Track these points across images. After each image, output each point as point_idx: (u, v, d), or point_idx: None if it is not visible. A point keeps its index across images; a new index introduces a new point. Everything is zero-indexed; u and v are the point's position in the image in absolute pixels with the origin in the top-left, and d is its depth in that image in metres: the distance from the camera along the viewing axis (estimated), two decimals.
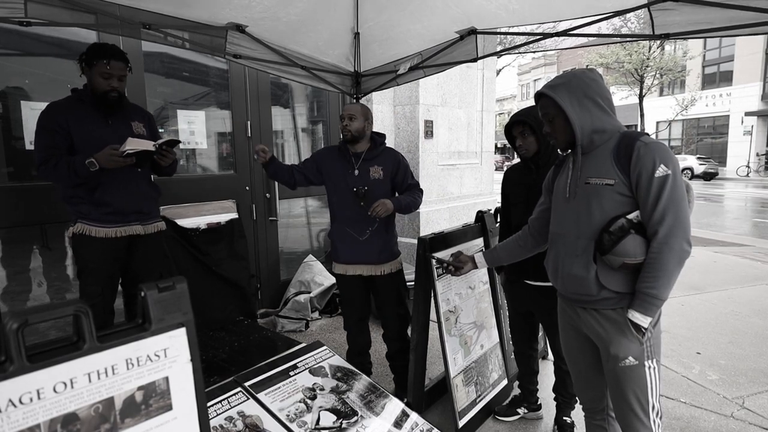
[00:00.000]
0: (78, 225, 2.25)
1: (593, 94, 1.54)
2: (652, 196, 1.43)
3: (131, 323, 1.02)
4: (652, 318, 1.48)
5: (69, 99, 2.26)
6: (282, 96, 4.26)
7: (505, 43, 5.50)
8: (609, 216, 1.50)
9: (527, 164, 2.21)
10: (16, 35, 2.71)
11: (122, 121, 2.34)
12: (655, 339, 1.54)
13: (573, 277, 1.61)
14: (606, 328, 1.58)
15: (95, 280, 2.29)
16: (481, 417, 2.45)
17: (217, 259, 3.45)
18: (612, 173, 1.50)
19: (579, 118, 1.53)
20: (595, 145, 1.56)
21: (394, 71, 3.31)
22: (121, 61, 2.22)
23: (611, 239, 1.48)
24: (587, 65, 12.19)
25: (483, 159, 5.88)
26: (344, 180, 2.43)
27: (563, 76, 1.61)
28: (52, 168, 2.13)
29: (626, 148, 1.49)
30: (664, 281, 1.43)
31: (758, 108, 23.48)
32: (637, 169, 1.45)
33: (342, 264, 2.53)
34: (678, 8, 2.12)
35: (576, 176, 1.61)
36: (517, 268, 2.26)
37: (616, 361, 1.55)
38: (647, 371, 1.54)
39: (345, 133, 2.43)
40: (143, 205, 2.41)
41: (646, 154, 1.44)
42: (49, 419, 0.87)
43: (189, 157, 3.64)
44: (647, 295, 1.45)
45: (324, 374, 1.94)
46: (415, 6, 2.75)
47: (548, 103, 1.59)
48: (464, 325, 2.47)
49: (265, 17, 2.72)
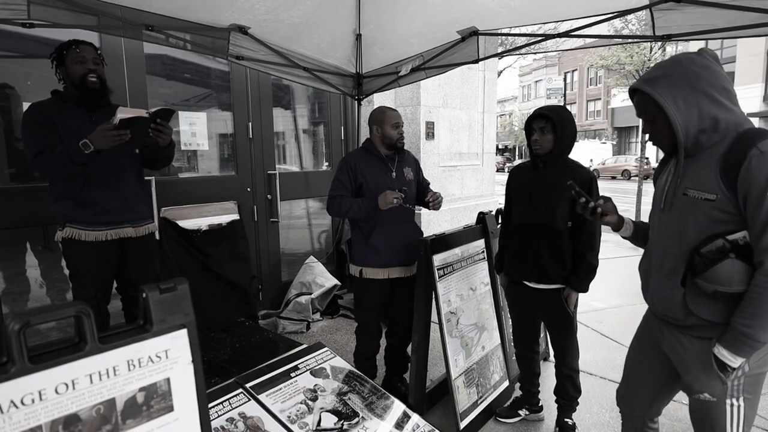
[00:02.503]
0: (66, 229, 2.20)
1: (704, 86, 1.26)
2: (761, 219, 1.18)
3: (133, 324, 1.02)
4: (744, 358, 1.25)
5: (51, 100, 2.21)
6: (283, 97, 4.26)
7: (507, 44, 5.51)
8: (706, 234, 1.27)
9: (535, 162, 2.18)
10: (18, 37, 2.72)
11: (106, 118, 2.22)
12: (749, 377, 1.31)
13: (660, 297, 1.43)
14: (689, 356, 1.38)
15: (87, 284, 2.25)
16: (482, 418, 2.44)
17: (218, 260, 3.45)
18: (714, 186, 1.25)
19: (683, 117, 1.27)
20: (702, 147, 1.30)
21: (396, 73, 3.31)
22: (89, 45, 2.18)
23: (703, 262, 1.26)
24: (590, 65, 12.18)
25: (484, 160, 5.88)
26: (386, 184, 2.41)
27: (664, 65, 1.34)
28: (48, 156, 2.07)
29: (737, 155, 1.21)
30: (765, 321, 1.19)
31: (760, 109, 23.42)
32: (746, 183, 1.19)
33: (375, 268, 2.44)
34: (679, 9, 2.12)
35: (675, 184, 1.37)
36: (517, 270, 2.27)
37: (690, 392, 1.40)
38: (728, 409, 1.34)
39: (401, 141, 2.45)
40: (132, 205, 2.34)
41: (759, 167, 1.17)
42: (51, 420, 0.87)
43: (190, 158, 3.64)
44: (740, 333, 1.22)
45: (325, 375, 1.93)
46: (416, 7, 2.76)
47: (645, 101, 1.35)
48: (465, 327, 2.47)
49: (267, 19, 2.73)
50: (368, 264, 2.44)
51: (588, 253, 2.11)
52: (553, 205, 2.11)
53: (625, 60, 9.15)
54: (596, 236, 2.11)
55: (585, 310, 4.12)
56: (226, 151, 3.84)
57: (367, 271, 2.45)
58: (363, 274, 2.46)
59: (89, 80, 2.16)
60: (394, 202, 2.26)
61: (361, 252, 2.46)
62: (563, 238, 2.12)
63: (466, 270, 2.58)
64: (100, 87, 2.21)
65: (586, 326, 3.78)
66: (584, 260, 2.11)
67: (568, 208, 2.10)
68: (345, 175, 2.42)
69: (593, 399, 2.74)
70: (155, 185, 3.11)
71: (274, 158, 3.99)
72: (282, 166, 4.24)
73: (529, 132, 2.17)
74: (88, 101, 2.21)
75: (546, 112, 2.07)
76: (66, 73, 2.18)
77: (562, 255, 2.13)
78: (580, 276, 2.13)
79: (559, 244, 2.13)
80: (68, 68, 2.16)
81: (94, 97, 2.21)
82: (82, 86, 2.16)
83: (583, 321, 3.86)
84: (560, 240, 2.12)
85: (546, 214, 2.13)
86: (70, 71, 2.16)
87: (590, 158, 27.14)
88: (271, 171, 3.94)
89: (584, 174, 2.10)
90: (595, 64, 11.19)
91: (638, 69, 8.83)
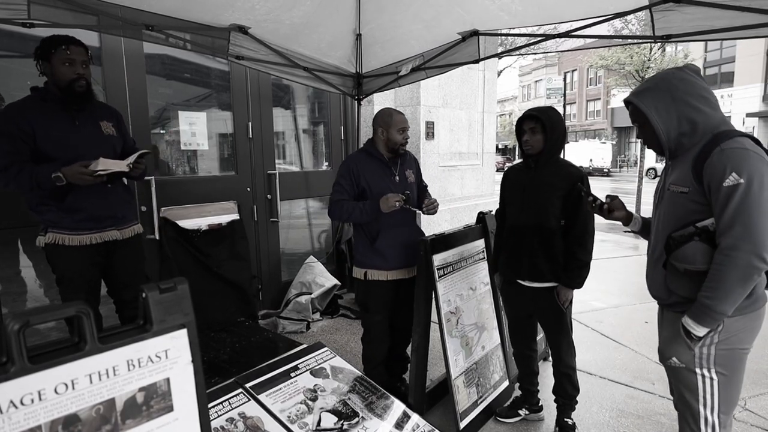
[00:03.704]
0: (49, 234, 2.11)
1: (683, 95, 1.47)
2: (719, 206, 1.38)
3: (132, 324, 1.02)
4: (707, 328, 1.43)
5: (30, 99, 2.08)
6: (283, 97, 4.26)
7: (507, 44, 5.51)
8: (683, 223, 1.49)
9: (527, 163, 2.21)
10: (18, 37, 2.72)
11: (90, 121, 2.17)
12: (720, 350, 1.47)
13: (651, 280, 1.65)
14: (667, 325, 1.61)
15: (75, 289, 2.19)
16: (482, 418, 2.44)
17: (218, 260, 3.45)
18: (688, 180, 1.46)
19: (664, 123, 1.50)
20: (684, 148, 1.51)
21: (396, 72, 3.31)
22: (80, 47, 2.06)
23: (674, 243, 1.49)
24: (590, 66, 12.18)
25: (484, 160, 5.88)
26: (389, 187, 2.38)
27: (650, 80, 1.58)
28: (12, 177, 1.96)
29: (705, 152, 1.42)
30: (722, 293, 1.38)
31: (759, 109, 23.43)
32: (708, 176, 1.40)
33: (384, 270, 2.42)
34: (679, 9, 2.12)
35: (664, 181, 1.61)
36: (512, 269, 2.27)
37: (662, 358, 1.60)
38: (700, 379, 1.51)
39: (404, 147, 2.42)
40: (117, 210, 2.27)
41: (718, 162, 1.38)
42: (51, 420, 0.87)
43: (190, 158, 3.64)
44: (702, 305, 1.42)
45: (325, 375, 1.93)
46: (417, 7, 2.76)
47: (635, 111, 1.58)
48: (465, 326, 2.47)
49: (267, 19, 2.73)
50: (373, 266, 2.42)
51: (579, 249, 2.13)
52: (545, 204, 2.14)
53: (625, 60, 9.14)
54: (588, 233, 2.14)
55: (585, 310, 4.12)
56: (226, 150, 3.84)
57: (373, 273, 2.42)
58: (368, 276, 2.43)
59: (77, 86, 2.05)
60: (396, 205, 2.24)
61: (365, 255, 2.44)
62: (556, 237, 2.15)
63: (466, 270, 2.58)
64: (86, 91, 2.11)
65: (585, 326, 3.78)
66: (575, 257, 2.13)
67: (561, 206, 2.13)
68: (347, 180, 2.39)
69: (593, 399, 2.74)
70: (155, 185, 3.11)
71: (273, 158, 3.99)
72: (282, 166, 4.24)
73: (519, 133, 2.20)
74: (72, 105, 2.10)
75: (535, 113, 2.12)
76: (51, 72, 2.04)
77: (555, 253, 2.15)
78: (571, 273, 2.14)
79: (552, 243, 2.15)
80: (54, 68, 2.03)
81: (79, 102, 2.11)
82: (67, 90, 2.05)
83: (582, 321, 3.86)
84: (553, 238, 2.15)
85: (539, 213, 2.15)
86: (56, 72, 2.03)
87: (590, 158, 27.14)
88: (270, 171, 3.94)
89: (575, 173, 2.14)
90: (595, 65, 11.18)
91: (638, 69, 8.83)
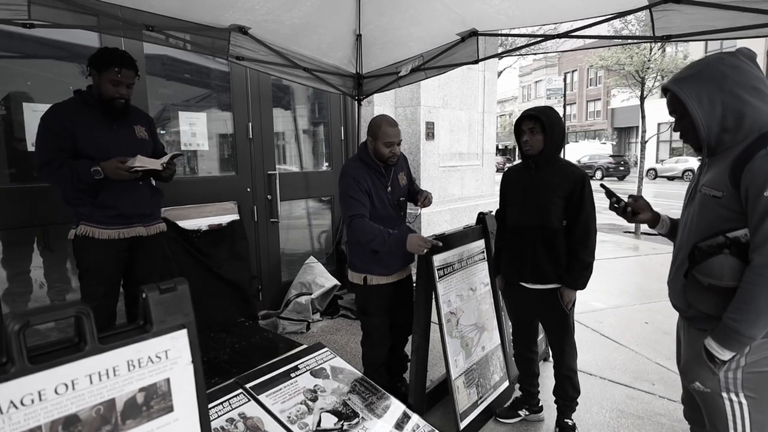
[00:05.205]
0: (81, 227, 2.24)
1: (731, 85, 1.27)
2: (756, 217, 1.21)
3: (133, 325, 1.02)
4: (732, 352, 1.28)
5: (73, 101, 2.24)
6: (283, 98, 4.26)
7: (506, 44, 5.51)
8: (712, 230, 1.32)
9: (527, 163, 2.20)
10: (18, 38, 2.72)
11: (126, 126, 2.35)
12: (747, 374, 1.31)
13: (671, 287, 1.49)
14: (689, 344, 1.45)
15: (98, 281, 2.29)
16: (482, 419, 2.44)
17: (218, 260, 3.45)
18: (723, 184, 1.29)
19: (706, 115, 1.30)
20: (725, 145, 1.33)
21: (396, 73, 3.31)
22: (131, 70, 2.23)
23: (700, 254, 1.31)
24: (590, 66, 12.18)
25: (484, 160, 5.88)
26: (385, 195, 2.38)
27: (694, 65, 1.37)
28: (55, 170, 2.12)
29: (746, 155, 1.24)
30: (751, 316, 1.22)
31: None
32: (747, 181, 1.22)
33: (384, 275, 2.39)
34: (679, 9, 2.12)
35: (697, 180, 1.43)
36: (515, 271, 2.27)
37: (685, 380, 1.45)
38: (728, 404, 1.34)
39: (392, 161, 2.34)
40: (146, 208, 2.42)
41: (761, 167, 1.20)
42: (51, 421, 0.87)
43: (190, 158, 3.64)
44: (728, 327, 1.26)
45: (325, 376, 1.93)
46: (416, 9, 2.76)
47: (673, 99, 1.39)
48: (465, 327, 2.47)
49: (268, 20, 2.73)
50: (373, 272, 2.40)
51: (581, 250, 2.11)
52: (547, 204, 2.13)
53: (625, 60, 9.13)
54: (590, 234, 2.12)
55: (585, 311, 4.12)
56: (226, 151, 3.84)
57: (372, 278, 2.40)
58: (368, 281, 2.40)
59: (116, 103, 2.23)
60: (422, 251, 2.15)
61: (364, 261, 2.40)
62: (558, 237, 2.13)
63: (466, 270, 2.58)
64: (125, 104, 2.28)
65: (585, 326, 3.78)
66: (577, 257, 2.11)
67: (563, 206, 2.12)
68: (357, 192, 2.29)
69: (593, 399, 2.74)
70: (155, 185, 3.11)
71: (274, 158, 3.99)
72: (282, 166, 4.24)
73: (518, 134, 2.18)
74: (110, 114, 2.27)
75: (534, 113, 2.10)
76: (97, 84, 2.21)
77: (557, 254, 2.14)
78: (574, 273, 2.13)
79: (554, 244, 2.13)
80: (102, 82, 2.19)
81: (115, 114, 2.28)
82: (107, 104, 2.22)
83: (583, 321, 3.86)
84: (556, 239, 2.13)
85: (540, 213, 2.14)
86: (102, 86, 2.19)
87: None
88: (271, 171, 3.94)
89: (576, 173, 2.13)
90: (595, 65, 11.17)
91: (638, 69, 8.82)
